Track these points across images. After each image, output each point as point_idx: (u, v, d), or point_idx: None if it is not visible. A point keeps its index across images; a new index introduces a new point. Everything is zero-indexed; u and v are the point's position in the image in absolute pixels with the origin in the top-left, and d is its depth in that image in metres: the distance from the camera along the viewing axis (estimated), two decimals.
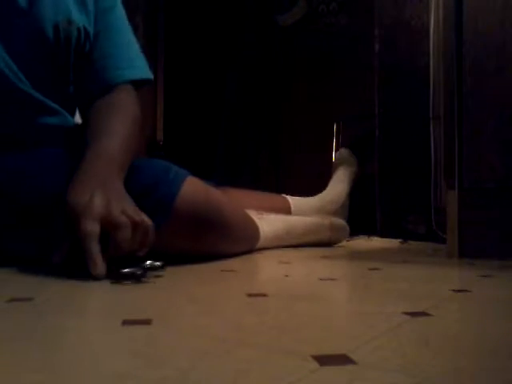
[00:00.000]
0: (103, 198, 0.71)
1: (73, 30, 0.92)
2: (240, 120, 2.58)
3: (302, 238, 1.26)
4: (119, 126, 0.87)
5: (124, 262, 0.70)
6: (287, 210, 1.37)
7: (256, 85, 2.55)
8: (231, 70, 2.60)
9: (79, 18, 0.93)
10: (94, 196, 0.71)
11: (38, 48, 0.91)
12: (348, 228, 1.38)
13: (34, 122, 0.93)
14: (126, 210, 0.72)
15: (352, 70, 2.16)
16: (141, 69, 1.01)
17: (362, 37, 2.00)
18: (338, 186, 1.50)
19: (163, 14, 2.56)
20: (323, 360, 0.34)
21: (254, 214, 1.13)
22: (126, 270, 0.68)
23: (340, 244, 1.36)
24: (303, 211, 1.37)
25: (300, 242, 1.26)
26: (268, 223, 1.16)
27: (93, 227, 0.68)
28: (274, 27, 2.48)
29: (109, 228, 0.70)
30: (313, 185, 1.72)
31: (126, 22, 1.02)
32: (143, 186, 0.83)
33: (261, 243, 1.13)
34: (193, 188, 0.90)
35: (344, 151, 1.59)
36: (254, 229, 1.11)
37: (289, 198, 1.41)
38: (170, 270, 0.82)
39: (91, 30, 0.95)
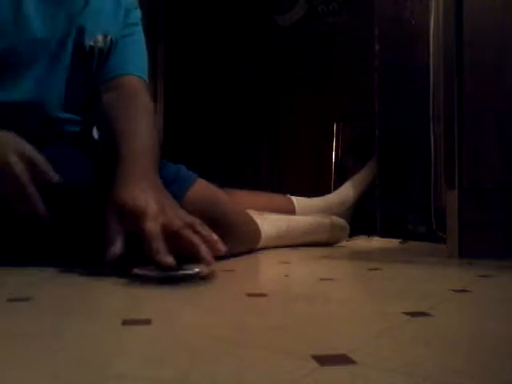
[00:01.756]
0: (158, 202, 0.73)
1: (107, 42, 0.96)
2: (240, 120, 2.58)
3: (303, 238, 1.26)
4: (144, 124, 0.90)
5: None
6: (291, 211, 1.37)
7: (256, 85, 2.55)
8: (233, 70, 2.60)
9: (113, 31, 0.98)
10: (150, 199, 0.73)
11: (78, 63, 0.95)
12: (348, 228, 1.38)
13: (57, 131, 0.97)
14: (178, 213, 0.75)
15: (352, 69, 2.16)
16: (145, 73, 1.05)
17: (362, 37, 2.00)
18: (350, 189, 1.54)
19: (163, 16, 2.56)
20: (323, 360, 0.34)
21: (254, 214, 1.13)
22: (181, 272, 0.67)
23: (340, 244, 1.35)
24: (307, 212, 1.38)
25: (300, 242, 1.26)
26: (269, 223, 1.16)
27: (157, 229, 0.69)
28: (274, 27, 2.48)
29: (170, 235, 0.71)
30: (313, 185, 1.72)
31: (143, 40, 1.06)
32: None
33: (262, 243, 1.13)
34: (200, 189, 0.95)
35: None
36: (255, 229, 1.11)
37: (293, 198, 1.42)
38: None
39: (117, 39, 0.99)
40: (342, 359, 0.34)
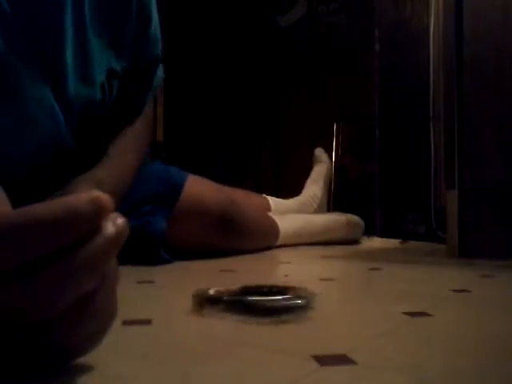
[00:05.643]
0: None
1: (115, 80, 0.84)
2: (240, 120, 2.58)
3: (321, 236, 1.27)
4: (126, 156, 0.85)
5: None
6: (267, 210, 1.36)
7: (256, 85, 2.55)
8: (232, 70, 2.61)
9: (117, 66, 0.84)
10: None
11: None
12: (363, 224, 1.38)
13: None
14: None
15: (352, 69, 2.16)
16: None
17: (362, 37, 2.00)
18: (312, 187, 1.49)
19: (164, 15, 2.55)
20: (323, 360, 0.34)
21: (272, 214, 1.16)
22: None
23: (344, 243, 1.34)
24: (282, 212, 1.37)
25: (318, 240, 1.26)
26: (287, 220, 1.19)
27: None
28: (274, 27, 2.48)
29: None
30: None
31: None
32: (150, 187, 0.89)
33: (281, 240, 1.15)
34: (195, 178, 0.99)
35: (318, 150, 1.59)
36: (272, 225, 1.12)
37: (269, 198, 1.41)
38: (169, 269, 0.82)
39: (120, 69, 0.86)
40: (342, 359, 0.34)
